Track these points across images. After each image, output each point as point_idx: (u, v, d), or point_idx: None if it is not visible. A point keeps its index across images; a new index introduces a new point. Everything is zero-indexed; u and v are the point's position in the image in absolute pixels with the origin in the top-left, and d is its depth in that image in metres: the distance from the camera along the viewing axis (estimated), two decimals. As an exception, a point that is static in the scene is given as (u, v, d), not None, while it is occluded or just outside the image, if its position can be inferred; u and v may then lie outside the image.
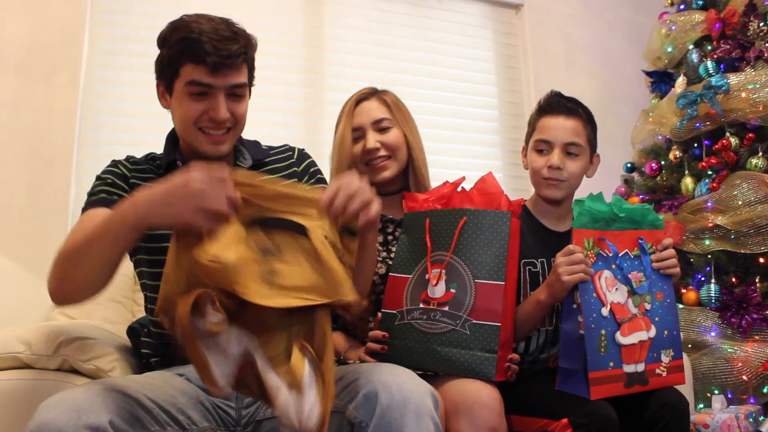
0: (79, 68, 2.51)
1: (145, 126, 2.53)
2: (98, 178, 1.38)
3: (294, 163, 1.49)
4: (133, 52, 2.63)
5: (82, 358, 1.36)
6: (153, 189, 1.04)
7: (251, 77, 1.38)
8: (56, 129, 2.42)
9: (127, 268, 1.86)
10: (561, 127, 1.61)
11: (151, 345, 1.38)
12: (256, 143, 1.52)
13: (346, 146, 1.72)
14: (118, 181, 1.35)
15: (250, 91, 1.38)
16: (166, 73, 1.31)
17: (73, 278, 1.15)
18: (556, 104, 1.65)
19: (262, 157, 1.46)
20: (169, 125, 1.43)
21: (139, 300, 1.86)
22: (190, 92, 1.28)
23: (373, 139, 1.71)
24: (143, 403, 1.05)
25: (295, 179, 1.45)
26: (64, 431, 0.91)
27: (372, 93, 1.80)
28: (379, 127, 1.72)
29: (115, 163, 1.41)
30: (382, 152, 1.70)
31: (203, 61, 1.24)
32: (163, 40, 1.32)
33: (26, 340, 1.35)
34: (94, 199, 1.32)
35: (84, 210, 1.33)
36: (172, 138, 1.43)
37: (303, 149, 1.54)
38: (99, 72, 2.57)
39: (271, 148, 1.53)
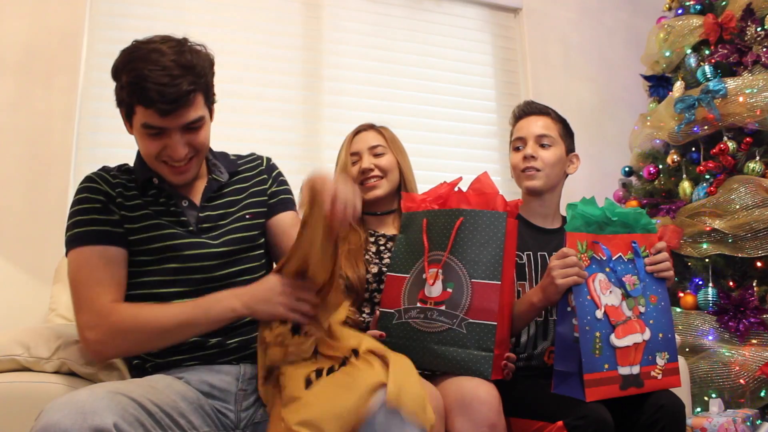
0: (78, 71, 2.51)
1: (144, 129, 2.54)
2: (77, 205, 1.33)
3: (264, 171, 1.53)
4: (133, 55, 2.63)
5: (81, 360, 1.36)
6: (253, 287, 1.26)
7: (210, 100, 1.37)
8: (55, 131, 2.43)
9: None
10: (532, 124, 1.77)
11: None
12: (225, 155, 1.53)
13: (348, 168, 1.87)
14: (101, 205, 1.32)
15: (212, 112, 1.39)
16: (123, 106, 1.31)
17: (145, 349, 1.30)
18: (526, 108, 1.82)
19: (234, 168, 1.49)
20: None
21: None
22: (146, 132, 1.29)
23: (368, 161, 1.84)
24: (146, 407, 1.06)
25: (263, 185, 1.50)
26: None
27: (370, 126, 1.96)
28: (374, 152, 1.87)
29: (92, 182, 1.36)
30: (376, 172, 1.84)
31: (152, 106, 1.23)
32: (116, 74, 1.30)
33: (24, 343, 1.35)
34: (81, 234, 1.30)
35: (72, 246, 1.29)
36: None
37: (270, 159, 1.58)
38: (97, 74, 2.58)
39: (239, 157, 1.56)
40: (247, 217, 1.43)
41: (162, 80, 1.21)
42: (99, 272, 1.26)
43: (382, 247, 1.79)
